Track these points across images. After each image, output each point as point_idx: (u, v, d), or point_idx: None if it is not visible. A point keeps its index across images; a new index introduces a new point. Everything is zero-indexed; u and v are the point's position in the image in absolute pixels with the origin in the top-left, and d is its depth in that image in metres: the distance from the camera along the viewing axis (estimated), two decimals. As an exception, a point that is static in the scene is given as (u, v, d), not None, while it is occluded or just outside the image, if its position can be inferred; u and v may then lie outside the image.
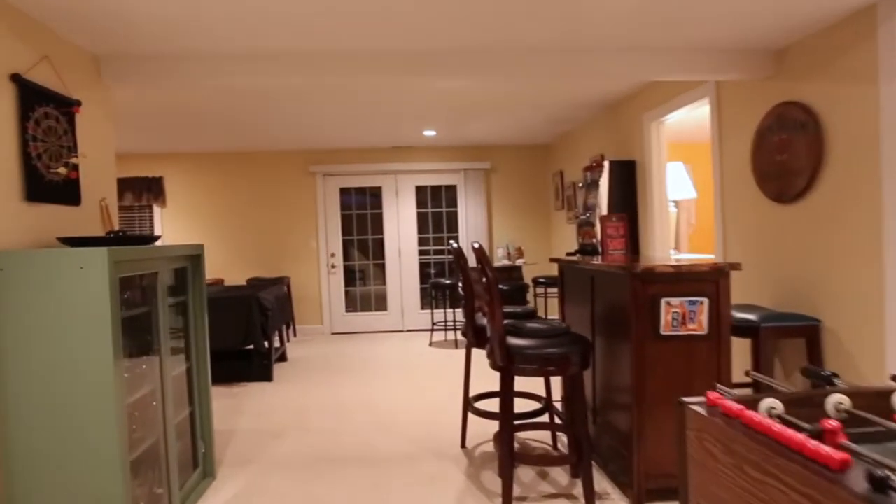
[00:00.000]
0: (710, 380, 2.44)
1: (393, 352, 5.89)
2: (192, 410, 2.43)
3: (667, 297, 2.37)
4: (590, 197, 5.09)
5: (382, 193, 7.11)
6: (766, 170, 3.10)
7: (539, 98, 4.71)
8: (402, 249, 7.15)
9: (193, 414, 2.43)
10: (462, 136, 6.41)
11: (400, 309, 7.18)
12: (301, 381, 4.68)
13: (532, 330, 2.44)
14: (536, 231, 7.34)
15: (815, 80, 2.78)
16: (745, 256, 3.36)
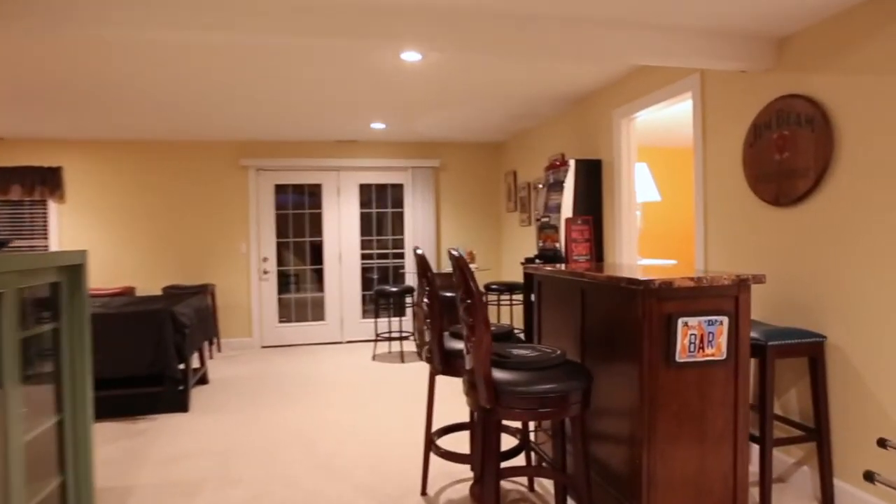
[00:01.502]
0: (727, 413, 2.06)
1: (332, 367, 5.26)
2: (63, 481, 1.76)
3: (684, 316, 1.97)
4: (551, 198, 4.72)
5: (322, 192, 6.45)
6: (762, 170, 2.80)
7: (501, 90, 4.28)
8: (342, 253, 6.52)
9: (65, 486, 1.76)
10: (411, 130, 5.88)
11: (339, 318, 6.54)
12: (224, 411, 3.97)
13: (521, 360, 1.97)
14: (487, 234, 6.93)
15: (824, 71, 2.50)
16: (732, 264, 3.06)
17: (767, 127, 2.77)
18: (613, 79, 4.07)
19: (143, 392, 3.81)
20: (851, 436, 2.42)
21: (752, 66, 2.77)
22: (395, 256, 6.71)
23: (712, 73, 3.18)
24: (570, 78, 4.04)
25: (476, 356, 1.85)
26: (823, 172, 2.50)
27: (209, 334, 4.57)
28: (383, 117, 5.19)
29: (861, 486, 2.38)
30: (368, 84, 4.03)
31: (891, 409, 2.26)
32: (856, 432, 2.40)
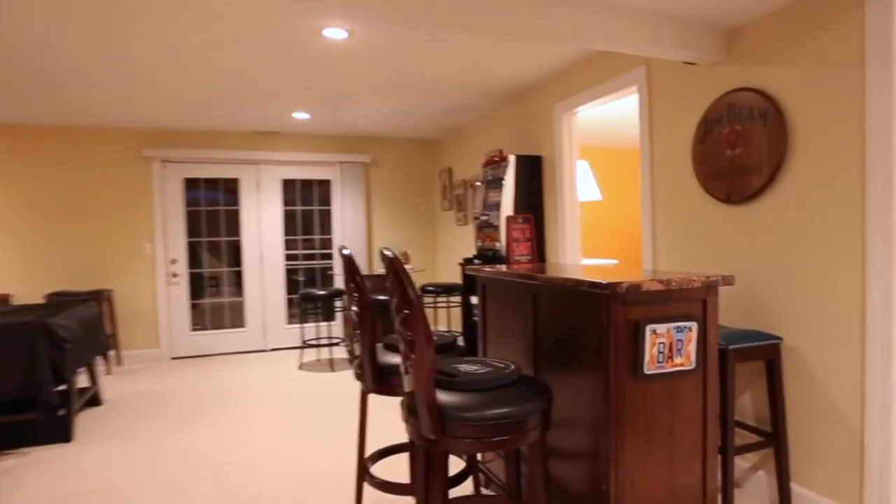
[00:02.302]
0: (696, 426, 1.88)
1: (253, 379, 4.74)
2: None
3: (652, 323, 1.75)
4: (490, 196, 4.49)
5: (240, 187, 5.87)
6: (714, 167, 2.68)
7: (436, 80, 3.99)
8: (264, 254, 5.97)
9: None
10: (339, 123, 5.46)
11: (261, 325, 5.99)
12: (119, 438, 3.40)
13: (470, 379, 1.67)
14: (421, 234, 6.62)
15: (776, 63, 2.40)
16: (683, 264, 2.94)
17: (718, 122, 2.65)
18: (555, 71, 3.89)
19: (10, 421, 3.16)
20: (808, 438, 2.33)
21: (702, 58, 2.64)
22: (322, 257, 6.24)
23: (659, 66, 3.04)
24: (509, 70, 3.82)
25: (417, 378, 1.53)
26: (777, 168, 2.39)
27: (101, 348, 3.94)
28: (307, 106, 4.74)
29: (817, 489, 2.29)
30: (289, 66, 3.60)
31: (847, 410, 2.17)
32: (813, 435, 2.31)
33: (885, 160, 2.01)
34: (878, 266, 2.04)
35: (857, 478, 2.15)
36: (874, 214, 2.05)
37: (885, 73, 2.00)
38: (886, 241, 2.02)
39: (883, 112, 2.01)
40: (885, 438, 2.05)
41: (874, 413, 2.07)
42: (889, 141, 2.00)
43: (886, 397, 2.04)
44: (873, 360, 2.07)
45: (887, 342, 2.02)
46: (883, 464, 2.06)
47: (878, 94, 2.02)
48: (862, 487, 2.13)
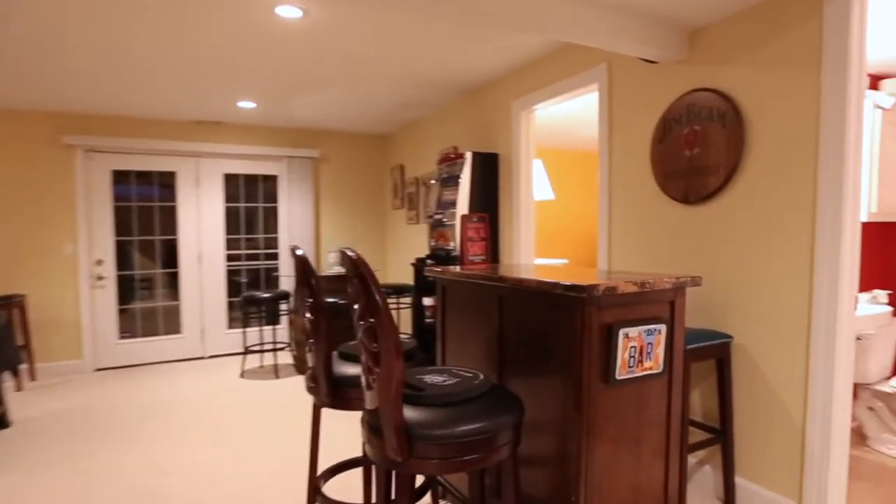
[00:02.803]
0: (661, 429, 1.83)
1: (190, 390, 4.41)
2: None
3: (625, 326, 1.68)
4: (445, 194, 4.37)
5: (177, 181, 5.46)
6: (672, 167, 2.68)
7: (390, 71, 3.83)
8: (203, 254, 5.60)
9: None
10: (287, 114, 5.18)
11: (199, 330, 5.61)
12: (29, 465, 3.03)
13: (438, 392, 1.54)
14: (372, 233, 6.43)
15: (736, 64, 2.41)
16: (639, 263, 2.92)
17: (677, 122, 2.65)
18: (514, 67, 3.82)
19: None
20: (753, 433, 2.37)
21: (664, 56, 2.62)
22: (267, 258, 5.93)
23: (620, 65, 3.02)
24: (467, 63, 3.71)
25: (383, 394, 1.38)
26: (734, 169, 2.40)
27: (9, 361, 3.52)
28: (253, 94, 4.45)
29: (761, 482, 2.34)
30: (236, 48, 3.34)
31: (791, 406, 2.21)
32: (758, 430, 2.35)
33: (837, 164, 2.04)
34: (825, 267, 2.08)
35: (798, 470, 2.20)
36: (824, 217, 2.08)
37: (839, 78, 2.03)
38: (834, 242, 2.05)
39: (836, 116, 2.04)
40: (824, 432, 2.09)
41: (816, 408, 2.12)
42: (841, 145, 2.03)
43: (827, 393, 2.08)
44: (816, 357, 2.11)
45: (830, 341, 2.07)
46: (822, 456, 2.10)
47: (833, 98, 2.05)
48: (802, 479, 2.18)
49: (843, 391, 2.06)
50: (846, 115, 2.02)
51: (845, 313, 2.04)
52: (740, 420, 2.43)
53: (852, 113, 2.02)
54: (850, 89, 2.01)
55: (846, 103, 2.02)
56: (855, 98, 2.02)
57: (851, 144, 2.02)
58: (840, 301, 2.03)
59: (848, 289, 2.04)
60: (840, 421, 2.08)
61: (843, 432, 2.11)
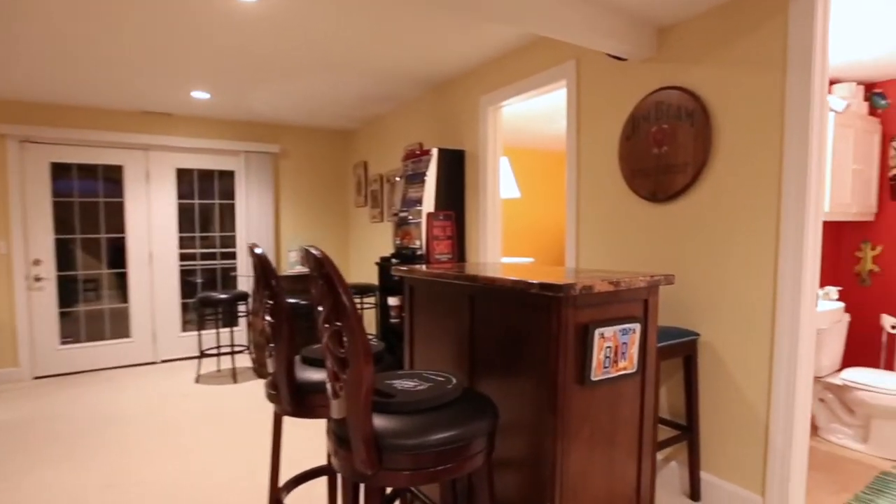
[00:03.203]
0: (634, 429, 1.80)
1: (141, 398, 4.16)
2: None
3: (601, 326, 1.64)
4: (410, 191, 4.28)
5: (125, 176, 5.16)
6: (640, 165, 2.67)
7: (354, 64, 3.70)
8: (154, 253, 5.31)
9: None
10: (245, 107, 4.97)
11: (151, 333, 5.33)
12: (-38, 479, 2.77)
13: (409, 399, 1.45)
14: (334, 231, 6.26)
15: (705, 63, 2.42)
16: (607, 261, 2.92)
17: (646, 119, 2.65)
18: (482, 62, 3.76)
19: None
20: (719, 429, 2.40)
21: (633, 52, 2.61)
22: (223, 257, 5.68)
23: (589, 61, 3.00)
24: (433, 57, 3.63)
25: (351, 403, 1.29)
26: (702, 168, 2.41)
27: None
28: (208, 84, 4.24)
29: (725, 476, 2.37)
30: (189, 33, 3.15)
31: (755, 401, 2.25)
32: (723, 425, 2.38)
33: (801, 163, 2.07)
34: (788, 264, 2.10)
35: (761, 463, 2.24)
36: (788, 215, 2.11)
37: (804, 79, 2.06)
38: (798, 240, 2.08)
39: (801, 115, 2.07)
40: (787, 425, 2.13)
41: (779, 403, 2.15)
42: (805, 144, 2.05)
43: (790, 387, 2.11)
44: (781, 353, 2.14)
45: (794, 336, 2.10)
46: (784, 448, 2.14)
47: (798, 98, 2.08)
48: (765, 473, 2.21)
49: (805, 385, 2.10)
50: (810, 114, 2.04)
51: (808, 309, 2.07)
52: (706, 416, 2.45)
53: (816, 112, 2.04)
54: (814, 89, 2.04)
55: (810, 102, 2.04)
56: (819, 97, 2.05)
57: (815, 143, 2.05)
58: (803, 297, 2.06)
59: (810, 285, 2.07)
60: (802, 414, 2.12)
61: (804, 425, 2.14)
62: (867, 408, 2.94)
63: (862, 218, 3.65)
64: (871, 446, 2.96)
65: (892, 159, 3.67)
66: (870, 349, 3.77)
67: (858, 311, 3.83)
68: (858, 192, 3.58)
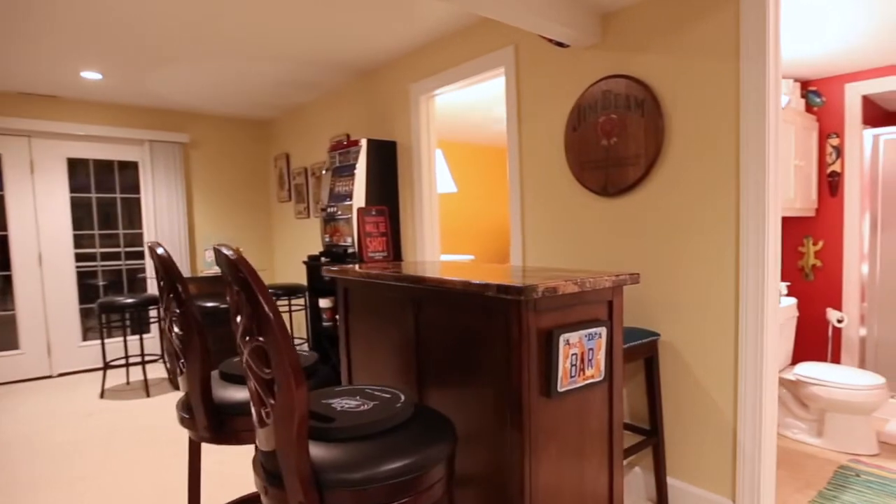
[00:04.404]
0: (603, 440, 1.68)
1: (34, 419, 3.59)
2: None
3: (565, 331, 1.49)
4: (338, 185, 3.99)
5: (3, 166, 4.47)
6: (588, 157, 2.58)
7: (268, 45, 3.37)
8: (44, 254, 4.66)
9: None
10: (146, 91, 4.44)
11: (45, 344, 4.68)
12: None
13: (352, 423, 1.23)
14: (256, 228, 5.82)
15: (653, 51, 2.34)
16: (556, 258, 2.81)
17: (592, 109, 2.55)
18: (412, 48, 3.54)
19: None
20: (683, 432, 2.33)
21: (576, 38, 2.50)
22: (129, 257, 5.10)
23: (528, 48, 2.87)
24: (359, 41, 3.37)
25: (281, 434, 1.05)
26: (654, 160, 2.34)
27: None
28: (99, 63, 3.72)
29: (693, 481, 2.31)
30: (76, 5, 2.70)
31: (720, 402, 2.20)
32: (688, 428, 2.32)
33: (758, 154, 2.03)
34: (750, 259, 2.07)
35: (730, 467, 2.18)
36: (748, 208, 2.07)
37: (758, 69, 2.02)
38: (759, 234, 2.05)
39: (757, 106, 2.03)
40: (755, 425, 2.09)
41: (746, 402, 2.11)
42: (761, 136, 2.02)
43: (757, 386, 2.08)
44: (745, 351, 2.10)
45: (758, 333, 2.06)
46: (754, 451, 2.10)
47: (752, 89, 2.04)
48: (734, 475, 2.17)
49: (772, 383, 2.07)
50: (767, 104, 2.01)
51: (772, 305, 2.04)
52: (670, 419, 2.38)
53: (772, 102, 2.01)
54: (769, 79, 2.00)
55: (766, 92, 2.01)
56: (773, 87, 2.02)
57: (773, 135, 2.02)
58: (767, 292, 2.03)
59: (773, 280, 2.04)
60: (769, 413, 2.09)
61: (772, 424, 2.12)
62: (821, 402, 3.00)
63: (804, 213, 3.80)
64: (826, 440, 3.02)
65: (829, 156, 3.85)
66: (815, 343, 3.93)
67: (803, 305, 3.99)
68: (801, 188, 3.72)
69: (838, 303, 3.84)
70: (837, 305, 3.84)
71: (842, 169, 3.82)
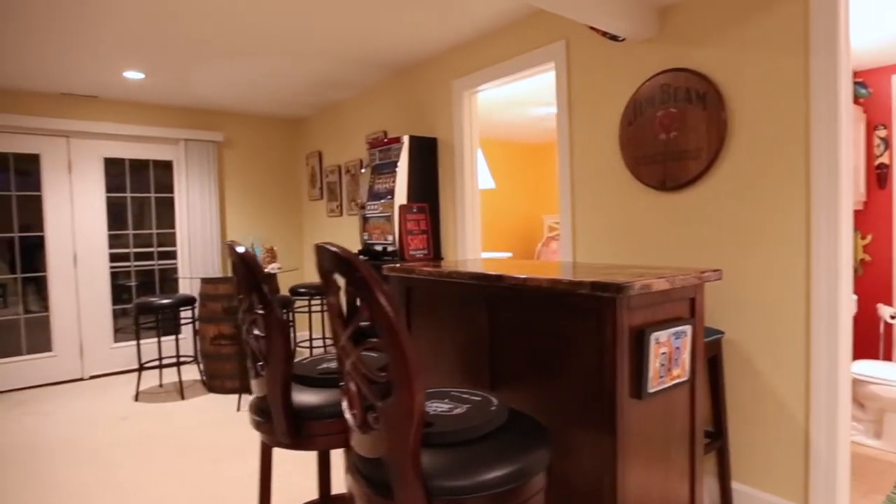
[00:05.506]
0: (686, 443, 1.62)
1: (67, 423, 3.60)
2: None
3: (656, 330, 1.43)
4: (378, 182, 3.96)
5: (42, 166, 4.50)
6: (645, 151, 2.51)
7: (309, 43, 3.34)
8: (79, 254, 4.68)
9: None
10: (184, 91, 4.45)
11: (77, 346, 4.70)
12: None
13: (451, 426, 1.18)
14: (285, 227, 5.81)
15: (716, 45, 2.28)
16: (613, 255, 2.75)
17: (650, 103, 2.48)
18: (456, 44, 3.49)
19: None
20: (750, 434, 2.26)
21: (632, 32, 2.43)
22: (162, 257, 5.11)
23: (579, 42, 2.81)
24: (400, 38, 3.33)
25: (395, 439, 1.00)
26: (717, 153, 2.27)
27: None
28: (143, 62, 3.72)
29: (760, 486, 2.23)
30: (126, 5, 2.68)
31: (791, 403, 2.12)
32: (755, 430, 2.24)
33: (831, 148, 1.96)
34: (823, 254, 2.00)
35: (802, 471, 2.11)
36: (820, 202, 2.00)
37: (829, 64, 1.95)
38: (831, 227, 1.98)
39: (829, 100, 1.96)
40: (830, 428, 2.02)
41: (820, 404, 2.03)
42: (834, 130, 1.95)
43: (832, 386, 2.00)
44: (819, 349, 2.03)
45: (833, 331, 1.99)
46: (829, 453, 2.03)
47: (824, 81, 1.96)
48: (808, 481, 2.09)
49: (846, 382, 2.00)
50: (839, 98, 1.93)
51: (845, 301, 1.97)
52: (735, 421, 2.30)
53: (843, 96, 1.94)
54: (840, 69, 1.93)
55: (837, 84, 1.93)
56: (845, 82, 1.95)
57: (845, 129, 1.94)
58: (840, 289, 1.95)
59: (846, 276, 1.96)
60: (844, 414, 2.01)
61: (846, 427, 2.04)
62: (881, 402, 2.90)
63: (853, 207, 3.70)
64: (886, 442, 2.91)
65: (876, 148, 3.75)
66: (866, 340, 3.82)
67: (855, 301, 3.90)
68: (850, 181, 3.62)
69: (888, 298, 3.73)
70: (888, 301, 3.73)
71: (890, 161, 3.72)
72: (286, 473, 2.73)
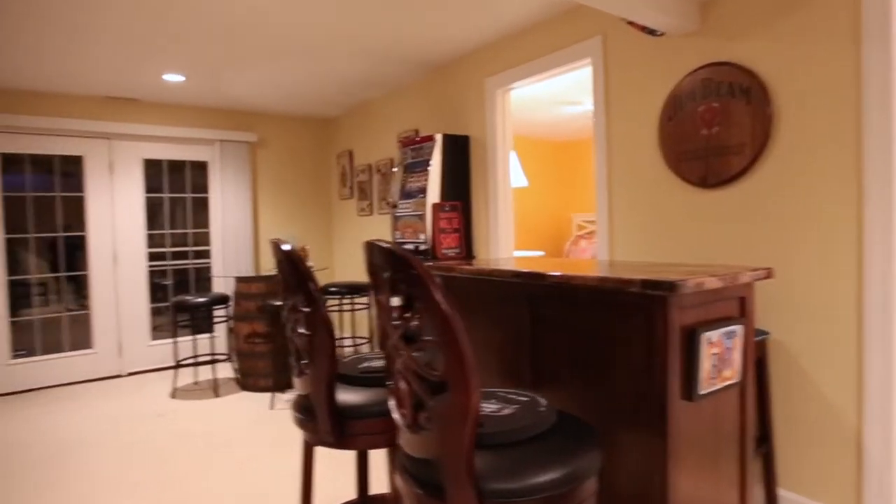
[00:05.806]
0: (736, 448, 1.57)
1: (106, 419, 3.70)
2: None
3: (707, 329, 1.39)
4: (410, 180, 3.97)
5: (85, 168, 4.64)
6: (686, 147, 2.45)
7: (345, 43, 3.36)
8: (119, 253, 4.81)
9: None
10: (220, 92, 4.53)
11: (116, 343, 4.83)
12: None
13: (502, 426, 1.17)
14: (316, 227, 5.87)
15: (759, 37, 2.20)
16: (650, 253, 2.69)
17: (691, 98, 2.42)
18: (488, 41, 3.47)
19: None
20: (797, 439, 2.18)
21: (673, 26, 2.38)
22: (197, 256, 5.22)
23: (616, 37, 2.76)
24: (432, 37, 3.32)
25: (449, 439, 1.00)
26: (762, 149, 2.20)
27: None
28: (183, 65, 3.80)
29: (808, 493, 2.15)
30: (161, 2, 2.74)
31: (841, 407, 2.04)
32: (802, 435, 2.17)
33: (885, 142, 1.88)
34: (877, 253, 1.91)
35: (854, 479, 2.03)
36: (873, 199, 1.92)
37: (883, 52, 1.86)
38: (887, 228, 1.89)
39: (882, 94, 1.87)
40: (886, 436, 1.93)
41: (873, 409, 1.95)
42: (889, 124, 1.86)
43: (886, 389, 1.92)
44: (871, 351, 1.94)
45: (887, 332, 1.91)
46: (883, 461, 1.94)
47: (877, 73, 1.88)
48: (860, 489, 2.01)
49: None
50: (892, 86, 1.85)
51: (901, 303, 1.88)
52: (781, 425, 2.23)
53: (900, 86, 1.85)
54: (894, 59, 1.85)
55: (891, 74, 1.85)
56: (902, 70, 1.86)
57: (901, 119, 1.86)
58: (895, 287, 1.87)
59: (903, 277, 1.88)
60: None
61: None
62: None
63: None
64: None
65: None
66: None
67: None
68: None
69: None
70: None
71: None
72: (321, 472, 2.76)
